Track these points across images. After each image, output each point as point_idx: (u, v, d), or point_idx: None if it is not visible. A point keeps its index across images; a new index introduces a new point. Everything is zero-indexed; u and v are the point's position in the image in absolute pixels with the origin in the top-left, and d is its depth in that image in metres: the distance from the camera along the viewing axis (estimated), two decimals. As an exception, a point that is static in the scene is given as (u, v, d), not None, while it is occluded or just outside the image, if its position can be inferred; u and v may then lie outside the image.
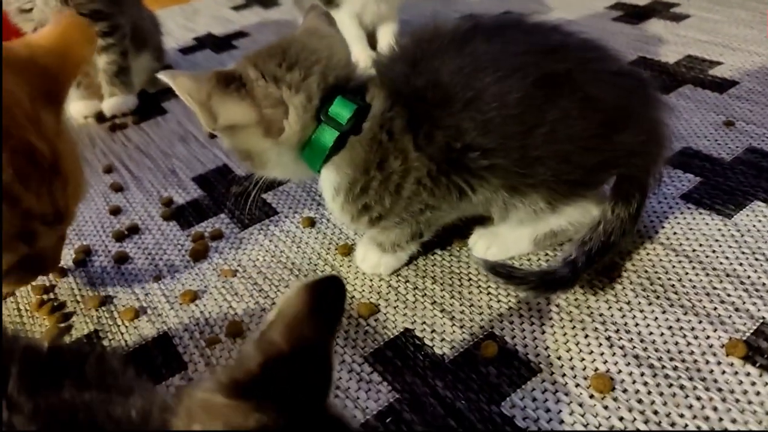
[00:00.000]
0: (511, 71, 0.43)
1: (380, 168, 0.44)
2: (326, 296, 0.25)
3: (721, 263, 0.50)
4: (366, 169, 0.45)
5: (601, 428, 0.39)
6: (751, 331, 0.44)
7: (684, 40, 0.89)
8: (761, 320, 0.44)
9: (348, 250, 0.56)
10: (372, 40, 0.98)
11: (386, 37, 0.96)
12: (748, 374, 0.41)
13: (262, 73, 0.44)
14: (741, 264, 0.49)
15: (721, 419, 0.38)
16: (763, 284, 0.47)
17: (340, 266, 0.55)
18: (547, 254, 0.53)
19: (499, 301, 0.49)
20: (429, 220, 0.49)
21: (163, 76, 0.44)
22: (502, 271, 0.45)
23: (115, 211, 0.68)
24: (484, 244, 0.53)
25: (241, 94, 0.44)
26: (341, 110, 0.44)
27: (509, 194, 0.46)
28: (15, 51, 0.44)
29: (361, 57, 0.94)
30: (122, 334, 0.51)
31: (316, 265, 0.56)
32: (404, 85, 0.45)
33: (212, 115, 0.44)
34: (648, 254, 0.52)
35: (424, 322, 0.48)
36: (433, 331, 0.47)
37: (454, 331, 0.47)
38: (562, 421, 0.39)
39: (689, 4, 1.02)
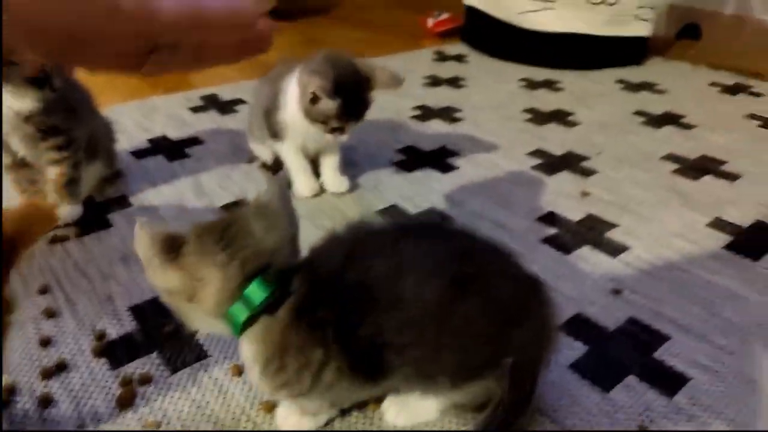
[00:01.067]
0: (430, 274, 0.50)
1: (299, 354, 0.49)
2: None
3: (596, 440, 0.57)
4: (282, 352, 0.50)
5: None
6: None
7: (589, 198, 1.02)
8: (623, 503, 0.51)
9: (271, 407, 0.60)
10: (317, 168, 1.06)
11: (329, 168, 1.05)
12: None
13: (199, 247, 0.49)
14: (613, 442, 0.57)
15: None
16: (628, 465, 0.55)
17: (263, 423, 0.59)
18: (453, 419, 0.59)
19: (402, 471, 0.54)
20: (349, 397, 0.54)
21: (138, 227, 0.49)
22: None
23: (45, 342, 0.69)
24: (394, 411, 0.58)
25: (174, 264, 0.49)
26: (256, 293, 0.48)
27: (418, 378, 0.52)
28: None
29: (305, 187, 1.02)
30: (38, 490, 0.52)
31: (239, 420, 0.59)
32: (335, 279, 0.50)
33: (152, 273, 0.49)
34: (535, 427, 0.58)
35: (333, 492, 0.52)
36: (340, 501, 0.51)
37: (359, 503, 0.51)
38: None
39: (597, 158, 1.16)
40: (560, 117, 1.38)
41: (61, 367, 0.65)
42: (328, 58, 0.92)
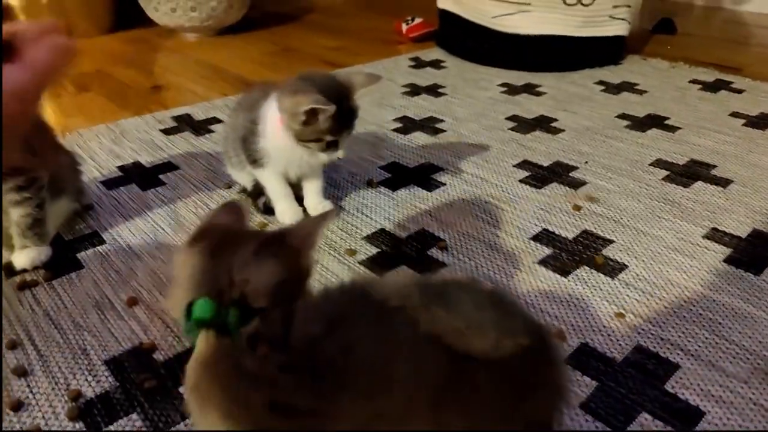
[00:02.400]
0: (427, 352, 0.45)
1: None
2: None
3: (614, 489, 0.54)
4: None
5: None
6: None
7: (581, 212, 0.99)
8: None
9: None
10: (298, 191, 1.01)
11: (311, 192, 1.00)
12: None
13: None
14: (631, 489, 0.54)
15: None
16: None
17: (257, 490, 0.55)
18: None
19: None
20: None
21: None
22: None
23: (17, 407, 0.63)
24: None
25: None
26: (200, 308, 0.43)
27: None
28: None
29: (288, 214, 0.97)
30: None
31: (231, 490, 0.55)
32: (311, 349, 0.44)
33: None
34: (551, 479, 0.55)
35: None
36: None
37: None
38: None
39: (586, 167, 1.14)
40: (544, 124, 1.35)
41: (33, 437, 0.60)
42: (302, 76, 0.89)
